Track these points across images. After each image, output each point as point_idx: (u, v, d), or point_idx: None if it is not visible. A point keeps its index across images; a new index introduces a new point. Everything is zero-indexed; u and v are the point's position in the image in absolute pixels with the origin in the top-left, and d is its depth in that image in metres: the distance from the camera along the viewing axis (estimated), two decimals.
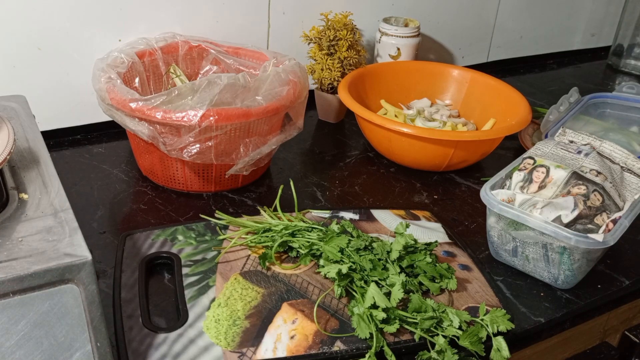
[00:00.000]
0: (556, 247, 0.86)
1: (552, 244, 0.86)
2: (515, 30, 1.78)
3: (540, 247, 0.88)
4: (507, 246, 0.92)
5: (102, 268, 0.88)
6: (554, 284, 0.91)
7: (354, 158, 1.25)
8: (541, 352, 0.94)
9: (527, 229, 0.87)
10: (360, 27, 1.36)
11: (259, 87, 1.01)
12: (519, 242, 0.90)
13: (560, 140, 1.05)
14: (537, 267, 0.91)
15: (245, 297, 0.80)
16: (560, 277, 0.89)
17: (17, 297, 0.52)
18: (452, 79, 1.38)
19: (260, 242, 0.89)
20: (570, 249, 0.85)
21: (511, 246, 0.92)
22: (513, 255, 0.93)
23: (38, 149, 0.70)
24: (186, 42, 1.20)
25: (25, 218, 0.59)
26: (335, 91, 1.33)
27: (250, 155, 1.00)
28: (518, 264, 0.93)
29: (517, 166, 0.96)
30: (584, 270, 0.89)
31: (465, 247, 0.96)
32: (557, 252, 0.87)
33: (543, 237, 0.86)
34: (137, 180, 1.10)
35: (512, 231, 0.90)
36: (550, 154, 0.98)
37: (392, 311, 0.76)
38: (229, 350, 0.72)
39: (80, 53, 1.16)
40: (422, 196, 1.13)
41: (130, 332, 0.74)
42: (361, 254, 0.83)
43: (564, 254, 0.87)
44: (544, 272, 0.90)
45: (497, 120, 1.28)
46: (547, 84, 1.71)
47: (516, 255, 0.92)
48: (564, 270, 0.88)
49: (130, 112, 0.95)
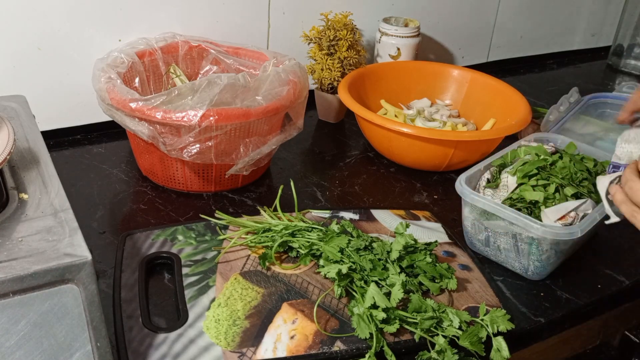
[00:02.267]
0: (525, 237, 0.88)
1: (522, 234, 0.88)
2: (515, 30, 1.78)
3: (510, 237, 0.90)
4: (480, 236, 0.95)
5: (102, 268, 0.88)
6: (525, 275, 0.92)
7: (354, 158, 1.25)
8: (541, 352, 0.94)
9: (498, 219, 0.89)
10: (360, 27, 1.36)
11: (259, 87, 1.01)
12: (490, 232, 0.92)
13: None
14: (508, 257, 0.92)
15: (245, 297, 0.80)
16: (530, 268, 0.91)
17: (17, 297, 0.52)
18: (452, 79, 1.38)
19: (260, 242, 0.89)
20: (539, 239, 0.87)
21: (484, 236, 0.94)
22: (486, 245, 0.95)
23: (38, 149, 0.70)
24: (186, 42, 1.20)
25: (25, 218, 0.59)
26: (335, 91, 1.33)
27: (250, 155, 1.00)
28: (491, 254, 0.95)
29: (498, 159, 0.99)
30: (553, 261, 0.90)
31: (465, 247, 0.96)
32: (526, 242, 0.88)
33: (512, 227, 0.88)
34: (137, 180, 1.10)
35: (484, 221, 0.92)
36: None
37: (392, 311, 0.76)
38: (229, 350, 0.72)
39: (80, 53, 1.16)
40: (422, 196, 1.13)
41: (130, 332, 0.74)
42: (361, 254, 0.83)
43: (532, 245, 0.88)
44: (515, 262, 0.92)
45: (497, 120, 1.28)
46: (547, 84, 1.71)
47: (489, 245, 0.94)
48: (533, 261, 0.90)
49: (130, 112, 0.95)
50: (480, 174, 0.97)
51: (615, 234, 1.04)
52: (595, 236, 1.04)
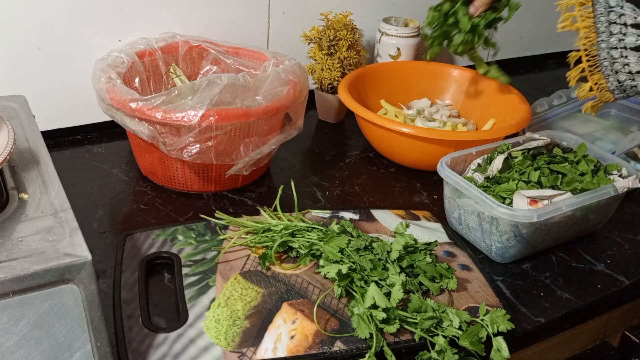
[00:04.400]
0: (487, 216, 0.91)
1: (484, 213, 0.91)
2: (515, 30, 1.78)
3: (476, 216, 0.93)
4: (455, 214, 0.99)
5: (102, 268, 0.88)
6: (489, 255, 0.95)
7: (354, 158, 1.25)
8: (541, 352, 0.94)
9: (466, 197, 0.92)
10: (360, 27, 1.35)
11: (259, 87, 1.01)
12: (462, 210, 0.96)
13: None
14: (475, 236, 0.96)
15: (245, 297, 0.80)
16: (493, 249, 0.94)
17: (17, 297, 0.52)
18: (452, 79, 1.38)
19: (260, 242, 0.89)
20: (497, 219, 0.89)
21: (457, 214, 0.98)
22: (458, 224, 0.99)
23: (38, 149, 0.70)
24: (186, 42, 1.20)
25: (25, 218, 0.59)
26: (335, 91, 1.33)
27: (250, 155, 1.00)
28: (463, 232, 0.99)
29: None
30: (513, 244, 0.92)
31: (465, 247, 0.96)
32: (487, 222, 0.91)
33: (477, 206, 0.91)
34: (137, 180, 1.10)
35: (457, 199, 0.96)
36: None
37: (392, 311, 0.76)
38: (229, 350, 0.72)
39: (80, 53, 1.16)
40: (422, 196, 1.13)
41: (130, 332, 0.74)
42: (361, 254, 0.83)
43: (492, 224, 0.91)
44: (481, 242, 0.95)
45: (497, 120, 1.28)
46: (547, 84, 1.71)
47: (461, 224, 0.98)
48: (494, 241, 0.92)
49: (130, 112, 0.95)
50: (472, 158, 1.02)
51: (615, 234, 1.05)
52: (595, 235, 1.04)
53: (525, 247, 0.94)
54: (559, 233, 0.95)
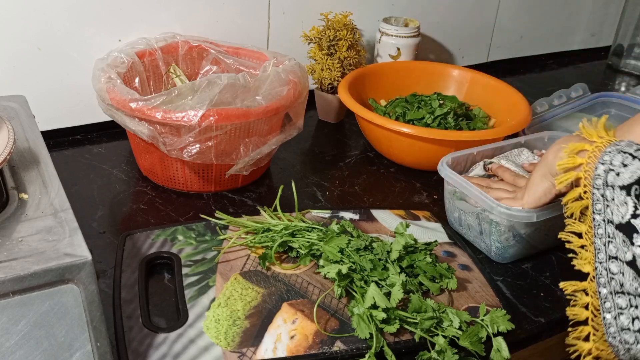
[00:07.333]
0: (486, 217, 0.91)
1: (483, 214, 0.91)
2: (515, 30, 1.78)
3: (475, 217, 0.94)
4: (455, 214, 0.99)
5: (102, 268, 0.88)
6: (489, 255, 0.96)
7: (354, 158, 1.25)
8: (541, 352, 0.94)
9: (466, 198, 0.93)
10: (360, 27, 1.35)
11: (259, 87, 1.01)
12: (462, 211, 0.96)
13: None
14: (475, 237, 0.96)
15: (245, 297, 0.80)
16: (492, 249, 0.94)
17: (17, 297, 0.52)
18: (452, 79, 1.38)
19: (260, 242, 0.89)
20: (496, 220, 0.90)
21: (457, 214, 0.99)
22: (458, 224, 0.99)
23: (38, 149, 0.70)
24: (186, 42, 1.20)
25: (25, 218, 0.59)
26: (335, 91, 1.33)
27: (250, 155, 1.00)
28: (463, 232, 0.99)
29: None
30: (512, 244, 0.92)
31: (465, 247, 0.96)
32: (487, 222, 0.92)
33: (476, 208, 0.92)
34: (137, 180, 1.10)
35: (456, 200, 0.96)
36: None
37: (392, 311, 0.76)
38: (229, 350, 0.72)
39: (80, 53, 1.16)
40: (422, 196, 1.13)
41: (130, 332, 0.74)
42: (361, 254, 0.83)
43: (492, 225, 0.91)
44: (481, 242, 0.96)
45: (497, 120, 1.28)
46: (547, 84, 1.71)
47: (460, 224, 0.98)
48: (494, 242, 0.93)
49: (130, 112, 0.95)
50: (472, 158, 1.03)
51: None
52: None
53: (524, 247, 0.94)
54: (558, 233, 0.95)
